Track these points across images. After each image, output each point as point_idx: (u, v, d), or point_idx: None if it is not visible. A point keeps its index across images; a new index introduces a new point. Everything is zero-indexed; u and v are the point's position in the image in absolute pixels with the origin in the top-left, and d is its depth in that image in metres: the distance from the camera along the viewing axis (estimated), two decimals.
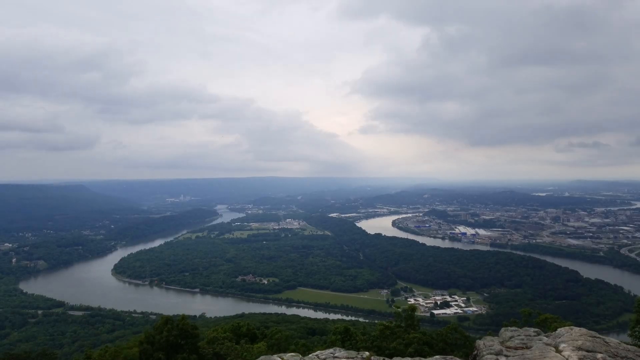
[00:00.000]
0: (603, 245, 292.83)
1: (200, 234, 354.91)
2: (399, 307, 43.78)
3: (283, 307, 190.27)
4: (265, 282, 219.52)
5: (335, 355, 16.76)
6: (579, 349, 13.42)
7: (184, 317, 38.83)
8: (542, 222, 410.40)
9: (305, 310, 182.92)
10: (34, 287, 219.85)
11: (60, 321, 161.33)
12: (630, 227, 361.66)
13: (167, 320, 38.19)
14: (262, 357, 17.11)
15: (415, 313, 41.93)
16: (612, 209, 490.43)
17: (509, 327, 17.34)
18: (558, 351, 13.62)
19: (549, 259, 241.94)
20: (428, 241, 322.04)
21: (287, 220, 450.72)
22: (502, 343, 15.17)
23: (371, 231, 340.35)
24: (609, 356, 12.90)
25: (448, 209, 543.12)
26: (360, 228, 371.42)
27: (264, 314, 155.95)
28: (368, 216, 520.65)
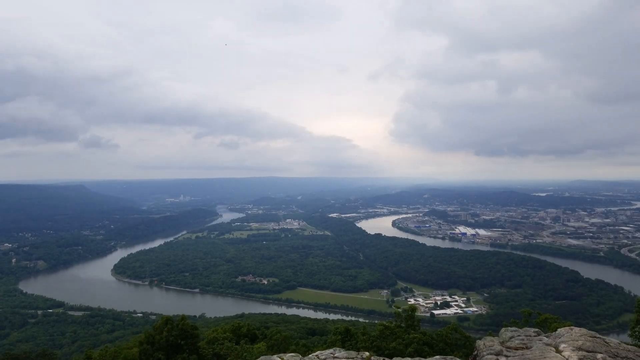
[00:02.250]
0: (603, 245, 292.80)
1: (200, 234, 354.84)
2: (399, 308, 43.75)
3: (283, 307, 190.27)
4: (265, 283, 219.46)
5: (335, 355, 16.76)
6: (579, 349, 13.42)
7: (183, 317, 38.75)
8: (542, 222, 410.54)
9: (305, 310, 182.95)
10: (34, 287, 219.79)
11: (60, 321, 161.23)
12: (631, 227, 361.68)
13: (167, 320, 38.12)
14: (262, 358, 17.10)
15: (415, 313, 41.90)
16: (612, 209, 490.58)
17: (509, 327, 17.33)
18: (558, 351, 13.62)
19: (549, 259, 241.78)
20: (428, 241, 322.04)
21: (287, 220, 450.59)
22: (502, 343, 15.16)
23: (371, 231, 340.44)
24: (609, 356, 12.89)
25: (448, 209, 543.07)
26: (360, 228, 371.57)
27: (264, 314, 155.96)
28: (368, 216, 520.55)
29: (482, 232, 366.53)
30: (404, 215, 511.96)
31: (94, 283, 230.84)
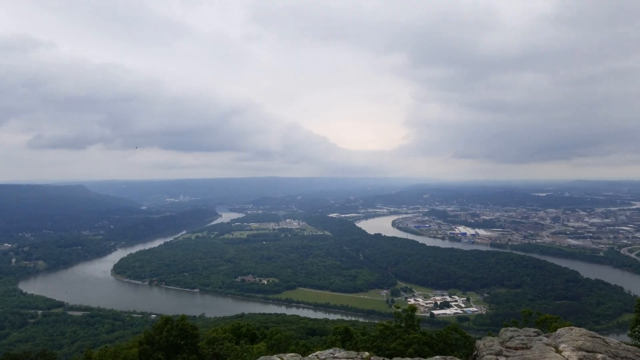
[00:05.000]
0: (603, 245, 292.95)
1: (200, 234, 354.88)
2: (398, 308, 43.70)
3: (283, 307, 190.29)
4: (265, 283, 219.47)
5: (335, 355, 16.77)
6: (579, 349, 13.42)
7: (183, 317, 38.77)
8: (542, 222, 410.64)
9: (305, 310, 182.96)
10: (34, 287, 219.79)
11: (59, 321, 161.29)
12: (630, 227, 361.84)
13: (167, 320, 38.15)
14: (262, 358, 17.11)
15: (415, 313, 41.90)
16: (612, 209, 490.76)
17: (509, 328, 17.34)
18: (558, 351, 13.62)
19: (549, 259, 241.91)
20: (428, 241, 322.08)
21: (287, 220, 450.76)
22: (502, 343, 15.17)
23: (371, 231, 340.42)
24: (609, 356, 12.89)
25: (448, 209, 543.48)
26: (360, 228, 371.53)
27: (264, 314, 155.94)
28: (368, 216, 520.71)
29: (481, 232, 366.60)
30: (404, 215, 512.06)
31: (94, 283, 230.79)
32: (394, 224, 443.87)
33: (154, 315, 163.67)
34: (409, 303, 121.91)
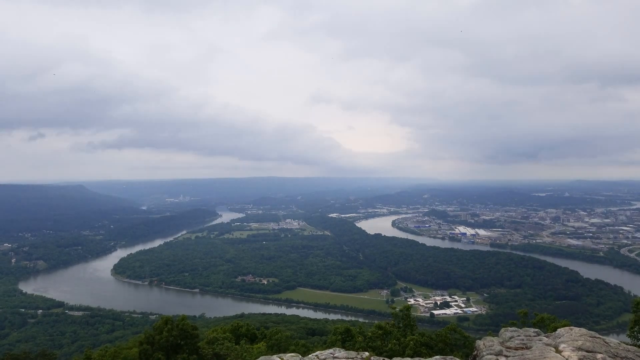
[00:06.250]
0: (603, 246, 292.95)
1: (199, 234, 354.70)
2: (395, 308, 43.74)
3: (283, 307, 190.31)
4: (265, 283, 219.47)
5: (335, 355, 16.77)
6: (579, 349, 13.43)
7: (183, 318, 38.83)
8: (542, 222, 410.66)
9: (305, 310, 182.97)
10: (34, 287, 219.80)
11: (59, 321, 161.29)
12: (630, 227, 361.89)
13: (167, 320, 38.20)
14: (261, 358, 17.11)
15: (414, 313, 41.97)
16: (612, 209, 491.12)
17: (509, 328, 17.35)
18: (558, 351, 13.63)
19: (549, 259, 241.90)
20: (428, 241, 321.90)
21: (287, 220, 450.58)
22: (502, 343, 15.17)
23: (371, 231, 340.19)
24: (609, 356, 12.90)
25: (448, 209, 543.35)
26: (360, 228, 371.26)
27: (264, 314, 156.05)
28: (368, 216, 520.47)
29: (481, 232, 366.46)
30: (404, 215, 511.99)
31: (94, 283, 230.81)
32: (394, 224, 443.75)
33: (154, 316, 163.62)
34: (408, 303, 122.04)
